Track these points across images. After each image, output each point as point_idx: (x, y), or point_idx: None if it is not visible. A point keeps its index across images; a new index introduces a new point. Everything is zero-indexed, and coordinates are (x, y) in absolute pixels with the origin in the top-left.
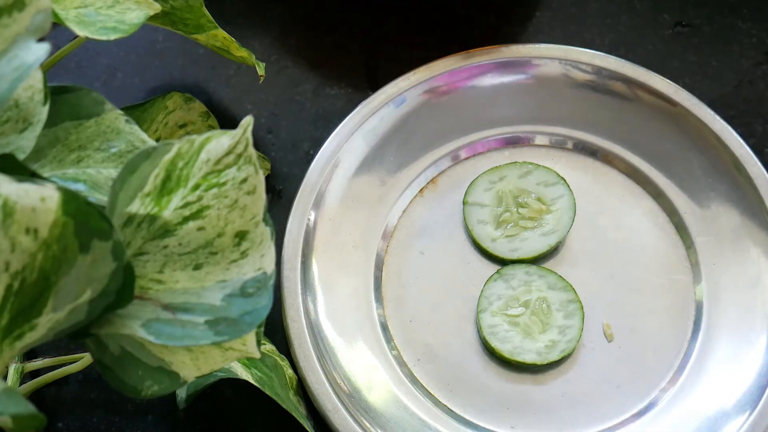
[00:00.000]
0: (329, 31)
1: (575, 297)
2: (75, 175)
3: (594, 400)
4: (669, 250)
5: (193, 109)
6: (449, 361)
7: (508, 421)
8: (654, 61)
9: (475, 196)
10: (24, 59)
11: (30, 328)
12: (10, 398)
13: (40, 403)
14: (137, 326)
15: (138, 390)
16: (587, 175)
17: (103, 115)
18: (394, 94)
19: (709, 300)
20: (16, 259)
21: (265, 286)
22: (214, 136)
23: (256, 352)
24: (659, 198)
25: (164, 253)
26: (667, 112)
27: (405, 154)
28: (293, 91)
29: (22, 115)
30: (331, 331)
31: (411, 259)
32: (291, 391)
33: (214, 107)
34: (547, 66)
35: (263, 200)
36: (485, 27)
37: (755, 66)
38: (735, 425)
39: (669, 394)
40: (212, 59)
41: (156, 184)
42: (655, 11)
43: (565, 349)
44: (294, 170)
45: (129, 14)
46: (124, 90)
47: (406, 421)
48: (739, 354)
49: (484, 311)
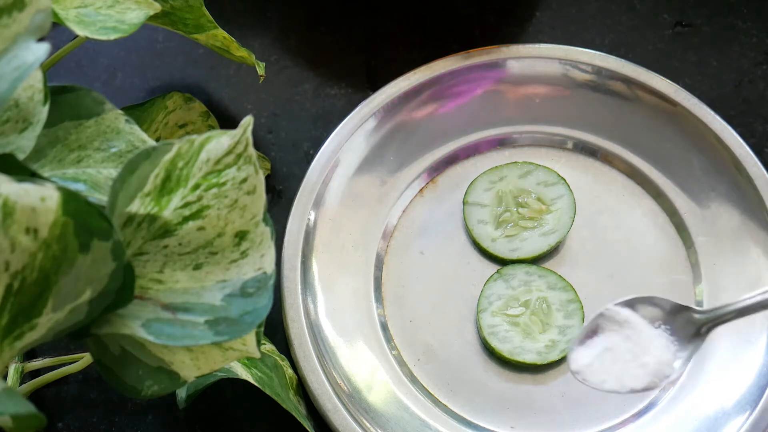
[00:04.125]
0: (329, 31)
1: (575, 297)
2: (75, 175)
3: (594, 400)
4: (669, 250)
5: (193, 109)
6: (449, 361)
7: (508, 421)
8: (654, 61)
9: (475, 196)
10: (24, 59)
11: (30, 328)
12: (10, 398)
13: (40, 403)
14: (137, 326)
15: (138, 390)
16: (587, 175)
17: (103, 115)
18: (394, 94)
19: (709, 300)
20: (16, 259)
21: (265, 286)
22: (214, 136)
23: (256, 352)
24: (659, 198)
25: (164, 253)
26: (667, 112)
27: (405, 154)
28: (293, 91)
29: (22, 115)
30: (331, 331)
31: (411, 259)
32: (291, 391)
33: (214, 107)
34: (547, 66)
35: (263, 200)
36: (485, 27)
37: (755, 66)
38: (735, 425)
39: (669, 394)
40: (212, 59)
41: (156, 184)
42: (655, 11)
43: (565, 349)
44: (294, 170)
45: (129, 14)
46: (124, 90)
47: (406, 421)
48: (739, 354)
49: (484, 311)
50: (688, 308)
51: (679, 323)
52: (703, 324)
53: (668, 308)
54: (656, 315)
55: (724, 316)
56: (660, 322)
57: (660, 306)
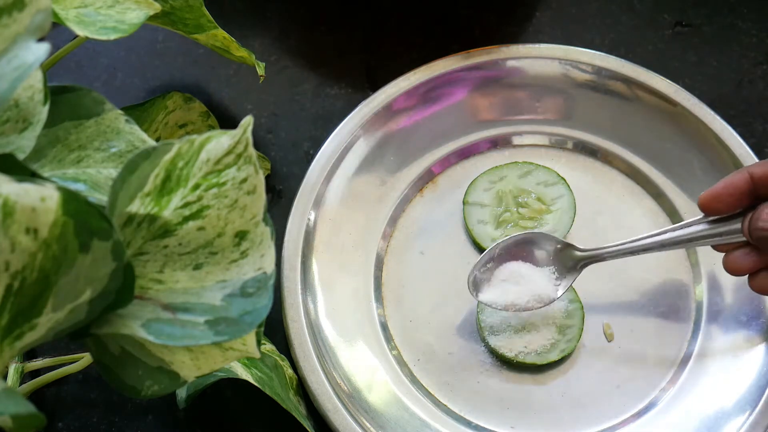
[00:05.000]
0: (329, 31)
1: (575, 297)
2: (75, 175)
3: (594, 400)
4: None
5: (193, 109)
6: (449, 361)
7: (508, 421)
8: (654, 61)
9: (475, 196)
10: (24, 59)
11: (30, 328)
12: (10, 398)
13: (40, 403)
14: (137, 326)
15: (138, 390)
16: (587, 175)
17: (103, 115)
18: (394, 94)
19: (709, 300)
20: (16, 259)
21: (265, 286)
22: (214, 136)
23: (256, 352)
24: (659, 198)
25: (164, 253)
26: (667, 112)
27: (405, 154)
28: (293, 91)
29: (22, 115)
30: (331, 331)
31: (411, 259)
32: (291, 391)
33: (214, 107)
34: (547, 66)
35: (263, 200)
36: (485, 27)
37: (755, 66)
38: (735, 425)
39: (669, 394)
40: (212, 59)
41: (156, 184)
42: (655, 11)
43: (565, 349)
44: (294, 170)
45: (129, 14)
46: (124, 90)
47: (406, 421)
48: (739, 354)
49: (484, 311)
50: (570, 246)
51: (562, 258)
52: (580, 260)
53: (555, 247)
54: (543, 257)
55: (597, 256)
56: (545, 263)
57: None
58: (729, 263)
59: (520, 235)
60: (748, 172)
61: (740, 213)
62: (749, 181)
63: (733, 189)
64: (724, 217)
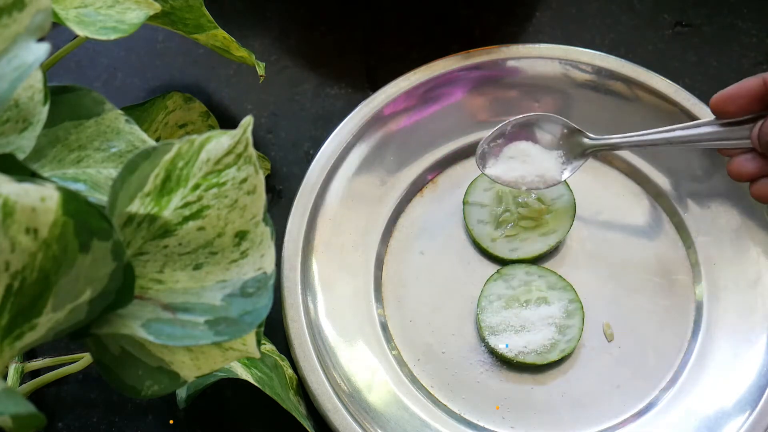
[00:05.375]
0: (329, 31)
1: (575, 297)
2: (75, 175)
3: (594, 400)
4: (669, 250)
5: (193, 109)
6: (449, 361)
7: (508, 421)
8: (654, 61)
9: (475, 196)
10: (24, 59)
11: (30, 328)
12: (10, 398)
13: (40, 403)
14: (137, 326)
15: (138, 390)
16: (587, 175)
17: (103, 115)
18: (394, 94)
19: (709, 300)
20: (16, 259)
21: (265, 286)
22: (214, 136)
23: (256, 352)
24: (659, 198)
25: (164, 253)
26: (667, 112)
27: (405, 154)
28: (293, 91)
29: (22, 115)
30: (331, 331)
31: (411, 259)
32: (291, 391)
33: (214, 107)
34: (547, 66)
35: (263, 200)
36: (485, 27)
37: (755, 66)
38: (735, 425)
39: (669, 394)
40: (212, 59)
41: (156, 184)
42: (655, 11)
43: (565, 349)
44: (294, 170)
45: (129, 14)
46: (124, 90)
47: (406, 421)
48: (739, 354)
49: (484, 311)
50: (580, 131)
51: (571, 143)
52: (588, 147)
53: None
54: (552, 141)
55: (604, 145)
56: (554, 146)
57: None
58: (733, 168)
59: (534, 114)
60: (763, 78)
61: (749, 120)
62: (763, 86)
63: (746, 92)
64: (733, 122)
